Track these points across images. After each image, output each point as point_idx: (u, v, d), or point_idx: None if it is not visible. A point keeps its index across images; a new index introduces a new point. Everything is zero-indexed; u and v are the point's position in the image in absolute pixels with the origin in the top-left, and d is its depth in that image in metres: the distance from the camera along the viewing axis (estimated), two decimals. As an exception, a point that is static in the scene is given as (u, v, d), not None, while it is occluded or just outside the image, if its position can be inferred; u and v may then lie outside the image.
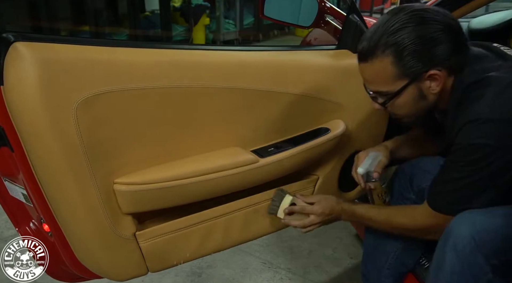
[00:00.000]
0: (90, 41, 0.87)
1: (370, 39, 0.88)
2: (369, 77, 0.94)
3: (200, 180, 0.96)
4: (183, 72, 0.94)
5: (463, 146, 0.86)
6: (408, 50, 0.85)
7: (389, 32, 0.86)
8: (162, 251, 1.01)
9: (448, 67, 0.88)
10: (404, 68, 0.87)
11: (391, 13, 0.89)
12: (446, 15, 0.87)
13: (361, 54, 0.92)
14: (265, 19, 2.10)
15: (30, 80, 0.76)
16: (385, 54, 0.87)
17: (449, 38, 0.85)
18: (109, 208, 0.89)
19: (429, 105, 0.94)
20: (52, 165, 0.83)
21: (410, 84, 0.89)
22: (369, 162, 1.12)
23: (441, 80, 0.88)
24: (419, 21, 0.85)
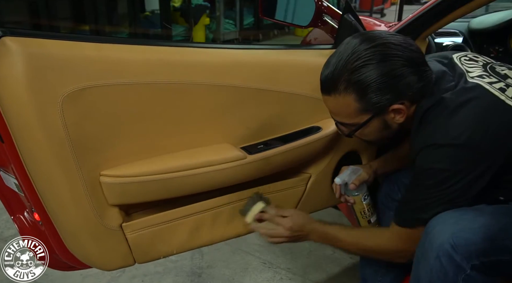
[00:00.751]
0: (78, 37, 0.89)
1: (333, 72, 0.87)
2: (332, 109, 0.94)
3: (186, 174, 0.98)
4: (173, 70, 0.95)
5: (422, 170, 0.88)
6: (371, 88, 0.85)
7: (351, 69, 0.85)
8: (148, 243, 1.03)
9: (411, 99, 0.88)
10: (367, 104, 0.87)
11: (353, 43, 0.87)
12: (408, 47, 0.86)
13: (323, 86, 0.91)
14: (265, 19, 2.10)
15: (18, 75, 0.78)
16: (347, 91, 0.86)
17: (411, 72, 0.85)
18: (96, 200, 0.92)
19: (394, 132, 0.96)
20: (40, 156, 0.85)
21: (374, 118, 0.90)
22: (348, 173, 1.15)
23: (404, 112, 0.89)
24: (381, 58, 0.84)
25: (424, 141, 0.87)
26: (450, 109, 0.85)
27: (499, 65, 0.97)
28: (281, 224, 1.04)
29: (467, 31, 1.71)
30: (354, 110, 0.89)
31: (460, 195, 0.85)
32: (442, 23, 1.27)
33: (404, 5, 6.27)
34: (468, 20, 1.73)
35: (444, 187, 0.84)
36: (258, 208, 1.08)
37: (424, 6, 1.29)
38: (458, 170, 0.83)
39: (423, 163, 0.88)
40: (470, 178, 0.83)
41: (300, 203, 1.27)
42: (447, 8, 1.22)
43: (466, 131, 0.82)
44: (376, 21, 1.81)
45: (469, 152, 0.82)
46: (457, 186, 0.84)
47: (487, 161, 0.83)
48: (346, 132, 0.97)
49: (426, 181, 0.87)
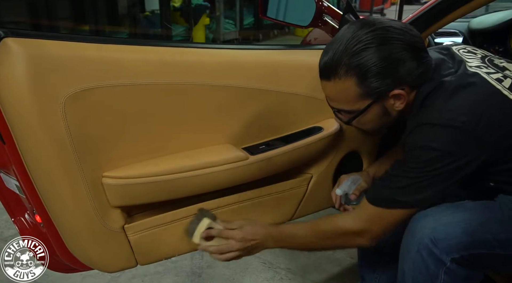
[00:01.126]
0: (79, 38, 0.88)
1: (332, 58, 0.86)
2: (331, 95, 0.92)
3: (188, 175, 0.97)
4: (174, 70, 0.95)
5: (411, 147, 0.87)
6: (372, 72, 0.84)
7: (351, 53, 0.84)
8: (151, 244, 1.02)
9: (411, 85, 0.88)
10: (368, 89, 0.86)
11: (353, 28, 0.86)
12: (408, 32, 0.86)
13: (322, 72, 0.89)
14: (265, 19, 2.10)
15: (19, 75, 0.78)
16: (348, 75, 0.85)
17: (411, 56, 0.84)
18: (98, 201, 0.91)
19: (393, 119, 0.95)
20: (41, 158, 0.85)
21: (374, 104, 0.89)
22: (348, 183, 1.15)
23: (404, 98, 0.88)
24: (382, 41, 0.83)
25: (419, 120, 0.87)
26: (449, 91, 0.85)
27: (498, 58, 0.97)
28: (231, 237, 0.95)
29: (467, 31, 1.72)
30: (354, 96, 0.88)
31: (445, 180, 0.84)
32: (442, 23, 1.27)
33: (404, 5, 6.27)
34: (468, 20, 1.74)
35: (431, 168, 0.83)
36: (203, 225, 0.97)
37: (424, 6, 1.29)
38: (449, 151, 0.82)
39: (415, 140, 0.87)
40: (459, 163, 0.82)
41: (302, 203, 1.27)
42: (447, 8, 1.22)
43: (463, 115, 0.82)
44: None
45: (463, 135, 0.81)
46: (444, 168, 0.83)
47: (479, 148, 0.82)
48: (345, 120, 0.95)
49: (414, 159, 0.85)
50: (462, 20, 1.48)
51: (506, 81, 0.87)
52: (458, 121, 0.81)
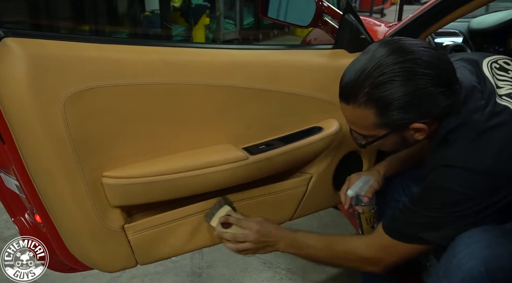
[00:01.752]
0: (80, 38, 0.88)
1: (354, 83, 0.81)
2: (349, 119, 0.89)
3: (189, 175, 0.97)
4: (174, 70, 0.95)
5: (432, 186, 0.85)
6: (394, 105, 0.79)
7: (374, 83, 0.79)
8: (151, 244, 1.02)
9: (435, 117, 0.83)
10: (388, 120, 0.82)
11: (381, 54, 0.80)
12: (439, 65, 0.79)
13: (342, 94, 0.85)
14: (265, 19, 2.10)
15: (20, 75, 0.78)
16: (367, 105, 0.81)
17: (439, 92, 0.79)
18: (97, 201, 0.91)
19: (411, 145, 0.92)
20: (41, 157, 0.85)
21: (392, 133, 0.85)
22: (360, 184, 1.13)
23: (426, 131, 0.84)
24: (409, 76, 0.77)
25: (442, 160, 0.84)
26: (477, 133, 0.80)
27: None
28: (248, 228, 0.98)
29: (467, 31, 1.72)
30: (371, 124, 0.84)
31: (467, 219, 0.81)
32: (442, 23, 1.27)
33: (404, 5, 6.28)
34: (468, 20, 1.74)
35: (452, 210, 0.81)
36: (224, 211, 1.02)
37: (424, 6, 1.29)
38: (471, 195, 0.79)
39: (436, 180, 0.84)
40: (482, 206, 0.80)
41: (301, 203, 1.27)
42: (447, 8, 1.22)
43: (489, 159, 0.78)
44: (376, 21, 1.81)
45: (488, 180, 0.78)
46: (466, 211, 0.80)
47: (505, 190, 0.79)
48: (361, 142, 0.93)
49: (434, 199, 0.83)
50: (462, 20, 1.47)
51: None
52: (484, 166, 0.78)
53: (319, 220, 1.96)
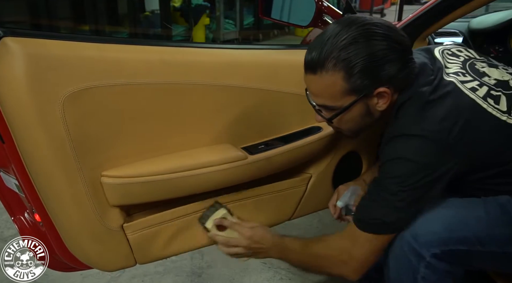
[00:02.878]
0: (79, 38, 0.89)
1: (321, 51, 0.84)
2: (316, 91, 0.90)
3: (188, 174, 0.98)
4: (173, 70, 0.95)
5: (387, 159, 0.87)
6: (359, 66, 0.83)
7: (340, 47, 0.83)
8: (150, 243, 1.03)
9: (395, 85, 0.87)
10: (354, 84, 0.85)
11: (342, 25, 0.85)
12: (396, 30, 0.86)
13: (309, 65, 0.87)
14: (265, 19, 2.10)
15: (19, 75, 0.78)
16: (335, 68, 0.84)
17: (398, 56, 0.84)
18: (97, 200, 0.91)
19: (374, 121, 0.94)
20: (40, 157, 0.85)
21: (358, 101, 0.87)
22: (348, 195, 1.15)
23: (388, 98, 0.87)
24: (370, 37, 0.83)
25: (393, 131, 0.88)
26: (423, 103, 0.86)
27: (482, 61, 0.97)
28: (241, 232, 0.98)
29: (467, 31, 1.71)
30: (339, 91, 0.86)
31: (424, 193, 0.85)
32: (442, 23, 1.27)
33: (404, 5, 6.28)
34: (468, 20, 1.73)
35: (407, 183, 0.84)
36: (219, 213, 1.02)
37: (424, 6, 1.29)
38: (424, 162, 0.83)
39: (391, 153, 0.87)
40: (436, 174, 0.83)
41: (301, 203, 1.27)
42: (447, 8, 1.22)
43: (434, 125, 0.83)
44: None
45: (436, 145, 0.82)
46: (422, 181, 0.83)
47: (453, 157, 0.83)
48: (327, 117, 0.93)
49: (390, 173, 0.86)
50: (462, 20, 1.47)
51: (481, 90, 0.88)
52: (429, 131, 0.82)
53: (319, 220, 1.96)
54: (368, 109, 0.90)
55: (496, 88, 0.89)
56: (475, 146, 0.84)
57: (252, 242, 0.98)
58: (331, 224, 1.95)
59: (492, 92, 0.88)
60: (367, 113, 0.91)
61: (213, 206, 1.04)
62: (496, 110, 0.86)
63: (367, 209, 0.90)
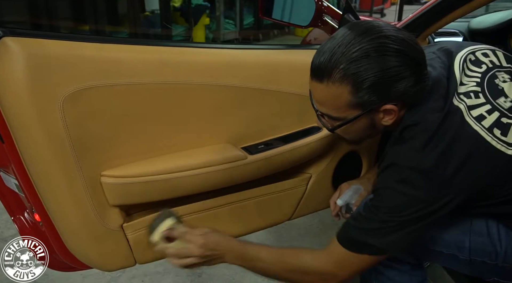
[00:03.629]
0: (78, 37, 0.89)
1: (329, 60, 0.79)
2: (320, 99, 0.87)
3: (187, 174, 0.98)
4: (173, 70, 0.95)
5: (381, 186, 0.84)
6: (369, 82, 0.78)
7: (350, 59, 0.78)
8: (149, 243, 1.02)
9: (404, 102, 0.83)
10: (361, 99, 0.81)
11: (355, 32, 0.79)
12: (413, 46, 0.80)
13: (316, 72, 0.83)
14: (265, 19, 2.10)
15: (18, 75, 0.78)
16: (343, 81, 0.79)
17: (411, 73, 0.79)
18: (96, 200, 0.92)
19: (377, 132, 0.92)
20: (40, 156, 0.85)
21: (363, 115, 0.84)
22: (350, 194, 1.14)
23: (395, 114, 0.84)
24: (384, 52, 0.77)
25: (392, 158, 0.84)
26: (428, 135, 0.81)
27: (506, 71, 0.89)
28: (192, 242, 0.89)
29: (467, 31, 1.71)
30: (344, 104, 0.82)
31: (415, 224, 0.81)
32: (442, 23, 1.27)
33: (404, 5, 6.28)
34: (468, 20, 1.73)
35: (399, 215, 0.81)
36: (166, 224, 0.91)
37: (424, 6, 1.29)
38: (416, 197, 0.80)
39: (384, 181, 0.84)
40: (429, 209, 0.80)
41: (301, 203, 1.27)
42: (447, 8, 1.22)
43: (433, 160, 0.79)
44: (376, 21, 1.81)
45: (432, 181, 0.79)
46: (412, 216, 0.80)
47: (450, 193, 0.80)
48: (329, 126, 0.90)
49: (382, 203, 0.83)
50: (462, 20, 1.47)
51: (490, 118, 0.81)
52: (428, 166, 0.78)
53: (319, 220, 1.96)
54: (373, 123, 0.87)
55: (509, 114, 0.82)
56: (474, 179, 0.80)
57: (206, 250, 0.90)
58: (331, 224, 1.95)
59: (502, 120, 0.81)
60: (371, 126, 0.88)
61: (160, 216, 0.93)
62: (501, 144, 0.79)
63: (352, 228, 0.87)
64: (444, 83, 0.86)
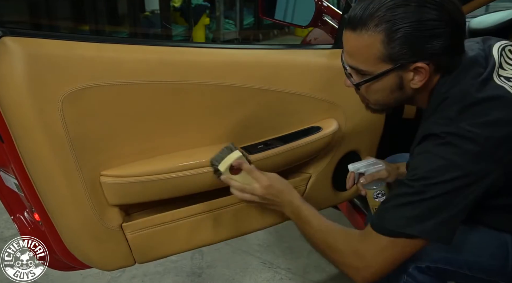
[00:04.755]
0: (78, 37, 0.89)
1: (366, 8, 0.77)
2: (351, 50, 0.83)
3: (187, 174, 0.97)
4: (172, 69, 0.94)
5: (417, 153, 0.80)
6: (402, 32, 0.75)
7: (387, 6, 0.75)
8: (148, 243, 1.03)
9: (437, 64, 0.79)
10: (392, 51, 0.77)
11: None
12: (455, 4, 0.76)
13: (351, 22, 0.80)
14: (265, 19, 2.10)
15: (18, 75, 0.78)
16: (377, 29, 0.76)
17: (448, 32, 0.75)
18: (96, 200, 0.91)
19: (404, 98, 0.87)
20: (39, 156, 0.85)
21: (392, 71, 0.80)
22: (364, 163, 1.07)
23: (425, 76, 0.80)
24: (424, 3, 0.74)
25: (428, 129, 0.79)
26: (469, 103, 0.77)
27: None
28: (258, 181, 0.91)
29: (467, 31, 1.71)
30: (375, 55, 0.79)
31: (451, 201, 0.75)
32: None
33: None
34: (468, 20, 1.73)
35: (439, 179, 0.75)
36: (234, 156, 0.92)
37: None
38: (459, 163, 0.74)
39: (420, 149, 0.79)
40: (466, 180, 0.75)
41: None
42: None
43: (477, 127, 0.74)
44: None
45: (476, 147, 0.74)
46: (450, 185, 0.74)
47: (489, 164, 0.75)
48: (356, 81, 0.86)
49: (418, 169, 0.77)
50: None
51: None
52: (471, 132, 0.74)
53: (319, 220, 1.96)
54: (401, 83, 0.82)
55: None
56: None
57: (268, 194, 0.92)
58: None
59: None
60: (398, 87, 0.83)
61: (228, 147, 0.95)
62: None
63: (387, 210, 0.80)
64: (482, 63, 0.83)
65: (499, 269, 0.87)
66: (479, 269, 0.87)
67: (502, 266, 0.87)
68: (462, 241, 0.86)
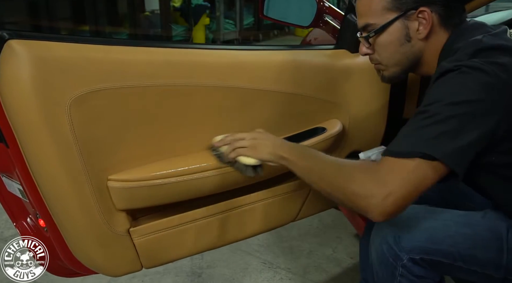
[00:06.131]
0: (84, 40, 0.88)
1: None
2: (361, 9, 0.94)
3: (194, 177, 0.97)
4: (179, 71, 0.94)
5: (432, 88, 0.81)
6: None
7: None
8: (156, 248, 1.02)
9: (440, 13, 0.87)
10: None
11: None
12: None
13: None
14: (265, 19, 2.10)
15: (24, 78, 0.77)
16: None
17: None
18: (103, 204, 0.90)
19: (415, 55, 0.92)
20: (46, 161, 0.84)
21: (398, 19, 0.89)
22: (375, 151, 1.09)
23: (429, 23, 0.87)
24: None
25: (441, 67, 0.81)
26: (480, 47, 0.80)
27: None
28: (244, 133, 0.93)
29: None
30: (381, 6, 0.89)
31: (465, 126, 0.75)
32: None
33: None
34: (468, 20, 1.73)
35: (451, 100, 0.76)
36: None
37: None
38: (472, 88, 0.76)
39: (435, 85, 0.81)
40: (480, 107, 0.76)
41: (305, 204, 1.27)
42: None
43: (494, 65, 0.77)
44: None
45: (489, 79, 0.76)
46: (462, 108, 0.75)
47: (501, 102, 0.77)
48: (366, 36, 0.93)
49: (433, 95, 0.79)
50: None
51: None
52: (485, 66, 0.77)
53: (319, 220, 1.96)
54: (408, 33, 0.90)
55: None
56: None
57: (257, 134, 0.93)
58: (332, 224, 1.95)
59: None
60: (406, 38, 0.90)
61: None
62: None
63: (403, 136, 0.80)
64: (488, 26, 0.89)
65: (494, 261, 0.88)
66: (474, 261, 0.88)
67: (497, 259, 0.88)
68: (457, 233, 0.88)
